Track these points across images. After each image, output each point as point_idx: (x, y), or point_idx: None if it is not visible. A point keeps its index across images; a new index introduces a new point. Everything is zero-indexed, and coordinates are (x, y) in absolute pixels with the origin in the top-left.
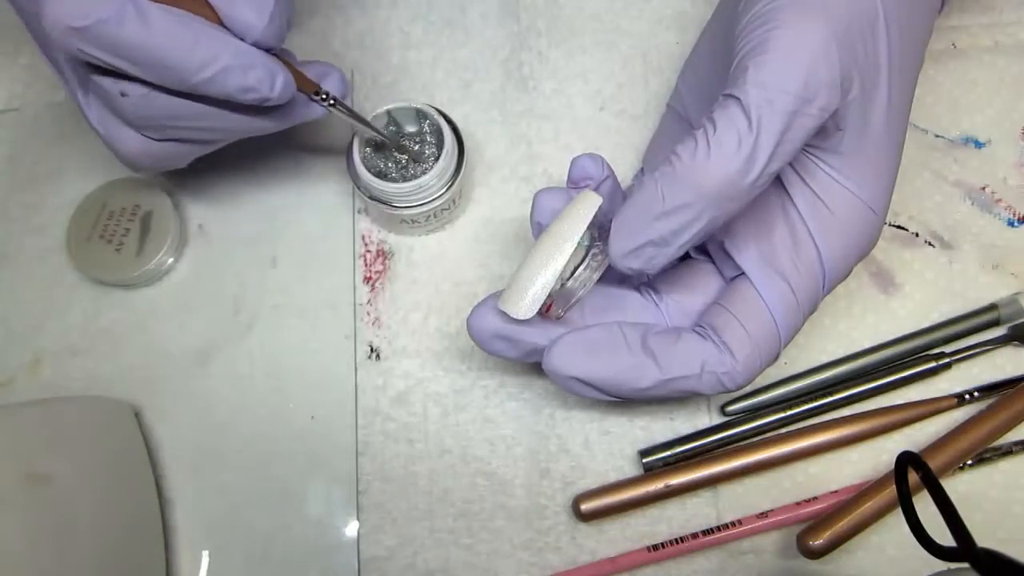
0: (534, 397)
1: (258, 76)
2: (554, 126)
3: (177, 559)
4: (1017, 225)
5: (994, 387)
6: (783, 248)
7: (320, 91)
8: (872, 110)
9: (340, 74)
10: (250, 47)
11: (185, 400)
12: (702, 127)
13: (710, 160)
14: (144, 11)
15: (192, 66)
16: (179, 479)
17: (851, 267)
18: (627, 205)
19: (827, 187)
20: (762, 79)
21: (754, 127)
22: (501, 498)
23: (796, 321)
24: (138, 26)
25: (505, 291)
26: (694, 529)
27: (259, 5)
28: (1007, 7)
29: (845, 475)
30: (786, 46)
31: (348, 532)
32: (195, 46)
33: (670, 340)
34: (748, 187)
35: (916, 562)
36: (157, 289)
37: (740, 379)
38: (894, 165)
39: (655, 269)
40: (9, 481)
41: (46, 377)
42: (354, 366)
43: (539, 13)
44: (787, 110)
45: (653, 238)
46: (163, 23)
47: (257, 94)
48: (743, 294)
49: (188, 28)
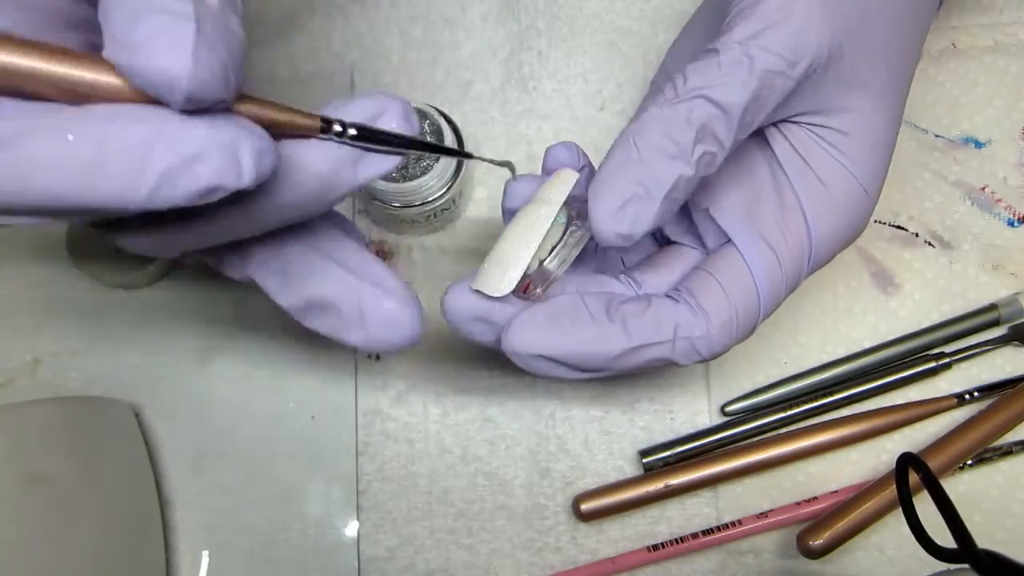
0: (534, 397)
1: (213, 166)
2: (554, 126)
3: (177, 559)
4: (1017, 225)
5: (994, 387)
6: (771, 216)
7: (330, 122)
8: (869, 85)
9: (402, 106)
10: (178, 117)
11: (185, 400)
12: (671, 80)
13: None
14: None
15: (113, 193)
16: (179, 479)
17: (836, 249)
18: (603, 166)
19: (821, 160)
20: (745, 35)
21: (725, 79)
22: (501, 498)
23: (778, 293)
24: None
25: (480, 270)
26: (694, 529)
27: (173, 39)
28: (1007, 7)
29: (845, 475)
30: (776, 5)
31: (348, 532)
32: (102, 161)
33: (639, 307)
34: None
35: (916, 562)
36: (157, 289)
37: (716, 346)
38: (889, 148)
39: (640, 232)
40: (9, 481)
41: (46, 377)
42: (354, 366)
43: (539, 13)
44: (765, 67)
45: (637, 191)
46: (30, 141)
47: (224, 190)
48: (726, 257)
49: (65, 130)
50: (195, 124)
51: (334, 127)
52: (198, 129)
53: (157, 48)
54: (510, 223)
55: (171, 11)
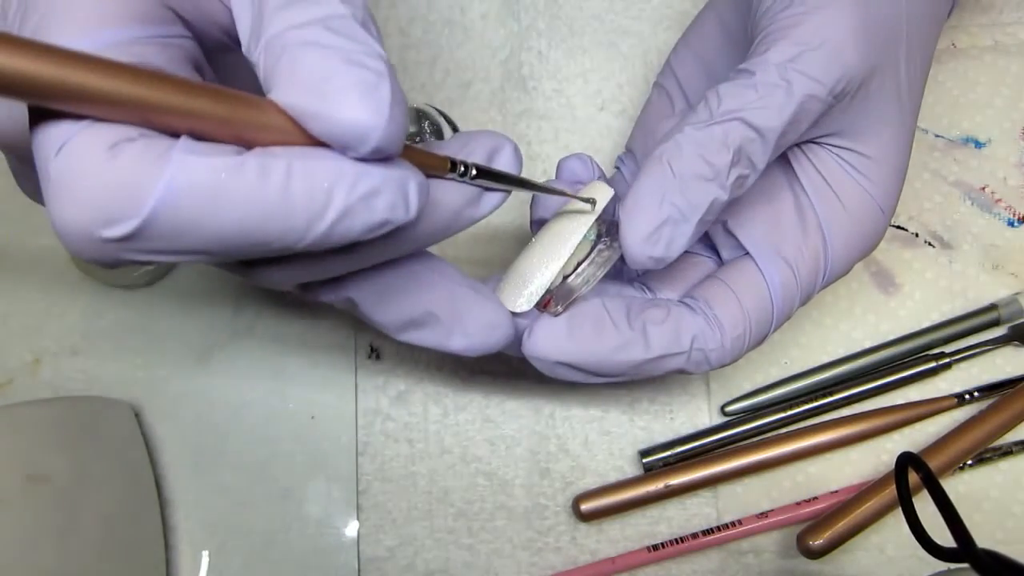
0: (534, 397)
1: (388, 201)
2: (554, 126)
3: (177, 559)
4: (1017, 225)
5: (994, 387)
6: (791, 233)
7: (456, 163)
8: (890, 110)
9: (513, 146)
10: (361, 164)
11: (185, 400)
12: (704, 99)
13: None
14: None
15: (294, 231)
16: (179, 479)
17: (851, 265)
18: (635, 187)
19: (842, 182)
20: (783, 58)
21: (763, 102)
22: (501, 498)
23: (791, 307)
24: (196, 210)
25: (503, 281)
26: (694, 529)
27: (371, 95)
28: (1007, 7)
29: (845, 475)
30: (813, 29)
31: (348, 532)
32: (288, 199)
33: (659, 315)
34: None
35: (916, 562)
36: (157, 289)
37: (727, 357)
38: (904, 166)
39: (673, 255)
40: (9, 481)
41: (46, 377)
42: (354, 366)
43: (539, 13)
44: (805, 92)
45: (672, 214)
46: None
47: (392, 224)
48: (742, 270)
49: (272, 176)
50: (370, 167)
51: (459, 167)
52: (375, 168)
53: (352, 100)
54: (538, 235)
55: (367, 67)
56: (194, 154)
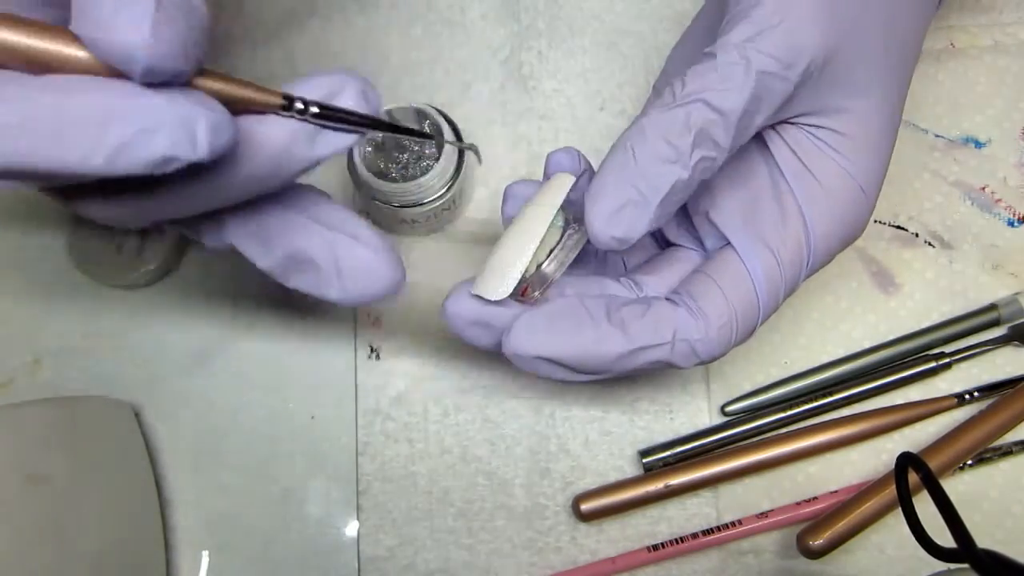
0: (534, 397)
1: (169, 137)
2: (554, 126)
3: (177, 559)
4: (1017, 225)
5: (994, 387)
6: (770, 219)
7: (291, 98)
8: (865, 86)
9: (359, 84)
10: (138, 90)
11: (185, 400)
12: (670, 84)
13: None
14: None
15: (69, 161)
16: (179, 479)
17: (836, 250)
18: (600, 171)
19: (819, 162)
20: (742, 38)
21: (724, 83)
22: (501, 498)
23: (777, 295)
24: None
25: (479, 274)
26: (694, 529)
27: (128, 10)
28: (1007, 7)
29: (845, 475)
30: (772, 8)
31: (348, 532)
32: (58, 125)
33: (639, 309)
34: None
35: (916, 562)
36: (157, 289)
37: (715, 348)
38: (888, 148)
39: (635, 236)
40: (9, 481)
41: (46, 377)
42: (354, 366)
43: (539, 13)
44: (761, 69)
45: (632, 196)
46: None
47: (180, 160)
48: (725, 260)
49: (27, 96)
50: (154, 97)
51: (295, 104)
52: (156, 102)
53: (119, 22)
54: (508, 228)
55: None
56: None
